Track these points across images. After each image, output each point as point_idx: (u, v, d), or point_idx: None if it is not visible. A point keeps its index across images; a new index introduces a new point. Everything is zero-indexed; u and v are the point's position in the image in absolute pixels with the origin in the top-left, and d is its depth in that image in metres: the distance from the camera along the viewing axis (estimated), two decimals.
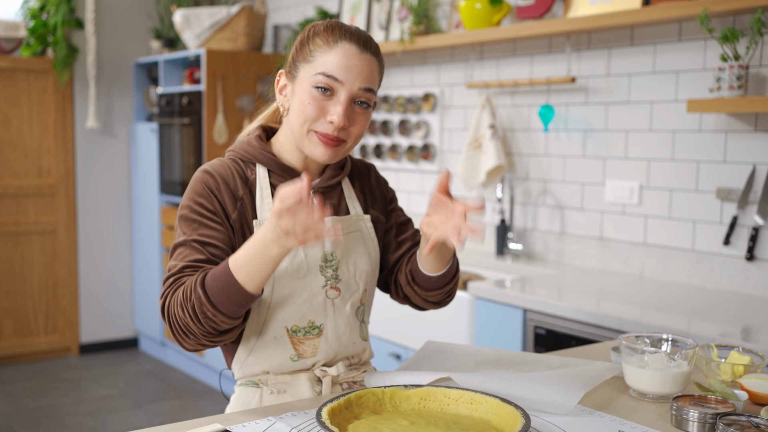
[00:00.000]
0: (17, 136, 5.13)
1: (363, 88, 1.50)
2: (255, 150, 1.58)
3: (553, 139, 3.42)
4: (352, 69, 1.48)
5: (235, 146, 1.62)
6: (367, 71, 1.50)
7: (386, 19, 4.13)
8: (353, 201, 1.66)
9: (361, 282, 1.60)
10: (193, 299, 1.36)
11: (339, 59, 1.48)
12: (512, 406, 1.29)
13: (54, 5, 5.13)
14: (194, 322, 1.38)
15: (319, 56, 1.50)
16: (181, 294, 1.39)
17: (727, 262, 2.81)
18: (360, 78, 1.49)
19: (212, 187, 1.51)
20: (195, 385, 4.84)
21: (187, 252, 1.46)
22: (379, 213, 1.70)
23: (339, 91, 1.48)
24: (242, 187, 1.54)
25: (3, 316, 5.15)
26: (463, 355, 1.73)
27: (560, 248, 3.42)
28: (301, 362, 1.56)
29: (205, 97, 4.69)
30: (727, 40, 2.59)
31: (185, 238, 1.48)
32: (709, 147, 2.86)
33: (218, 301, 1.35)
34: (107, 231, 5.56)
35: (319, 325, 1.55)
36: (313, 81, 1.49)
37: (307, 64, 1.51)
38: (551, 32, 3.20)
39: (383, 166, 4.29)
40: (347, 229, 1.60)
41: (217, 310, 1.36)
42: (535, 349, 2.73)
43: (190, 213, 1.50)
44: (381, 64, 1.56)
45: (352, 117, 1.51)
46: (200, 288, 1.36)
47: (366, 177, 1.73)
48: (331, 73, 1.48)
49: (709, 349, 1.55)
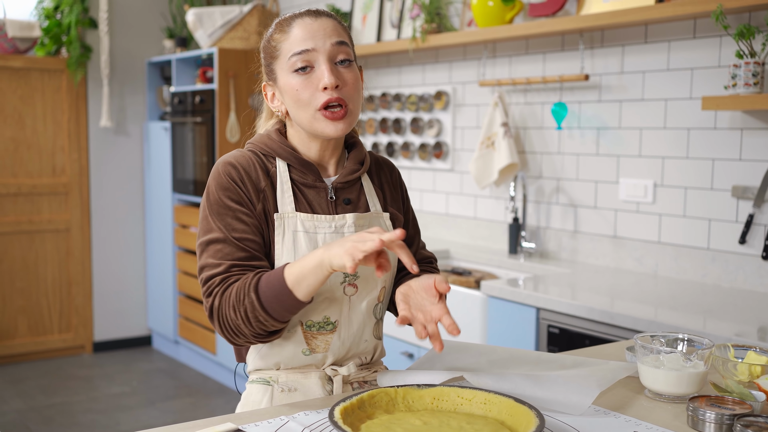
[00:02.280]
0: (31, 135, 5.16)
1: (334, 42, 1.52)
2: (275, 144, 1.59)
3: (566, 137, 3.41)
4: (316, 33, 1.51)
5: (254, 139, 1.62)
6: (331, 29, 1.53)
7: (398, 18, 4.12)
8: (373, 197, 1.65)
9: (379, 280, 1.60)
10: (245, 303, 1.40)
11: (300, 33, 1.51)
12: (526, 406, 1.28)
13: (68, 5, 5.15)
14: (245, 324, 1.42)
15: (282, 46, 1.53)
16: (234, 296, 1.42)
17: (743, 260, 2.79)
18: (326, 37, 1.51)
19: (236, 178, 1.52)
20: (207, 383, 4.85)
21: (228, 249, 1.48)
22: (397, 211, 1.69)
23: (315, 59, 1.51)
24: (264, 179, 1.55)
25: (17, 314, 5.18)
26: (476, 354, 1.72)
27: (573, 246, 3.40)
28: (313, 357, 1.56)
29: (218, 96, 4.69)
30: (742, 37, 2.57)
31: (220, 235, 1.48)
32: (724, 145, 2.83)
33: (271, 307, 1.40)
34: (120, 229, 5.58)
35: (333, 321, 1.55)
36: (289, 67, 1.52)
37: (277, 59, 1.54)
38: (564, 30, 3.18)
39: (396, 164, 4.28)
40: (367, 226, 1.59)
41: (269, 315, 1.40)
42: (548, 348, 2.72)
43: (220, 207, 1.50)
44: (341, 23, 1.57)
45: (340, 76, 1.51)
46: (254, 293, 1.40)
47: (387, 174, 1.73)
48: (299, 49, 1.50)
49: (726, 349, 1.53)
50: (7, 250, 5.12)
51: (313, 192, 1.58)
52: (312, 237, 1.53)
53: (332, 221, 1.55)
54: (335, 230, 1.54)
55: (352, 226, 1.56)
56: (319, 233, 1.53)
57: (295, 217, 1.53)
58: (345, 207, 1.59)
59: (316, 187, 1.58)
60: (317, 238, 1.53)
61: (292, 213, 1.53)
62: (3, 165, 5.07)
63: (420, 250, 1.77)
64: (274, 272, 1.41)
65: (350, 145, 1.67)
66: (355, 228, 1.56)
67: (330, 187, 1.59)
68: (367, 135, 4.48)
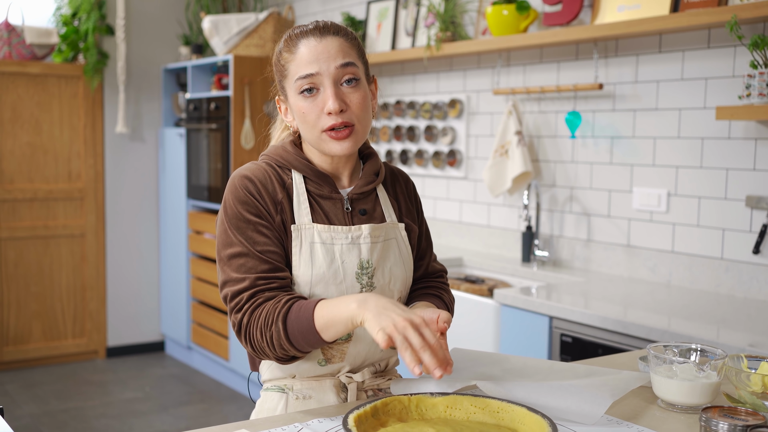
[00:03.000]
0: (48, 140, 5.20)
1: (339, 65, 1.52)
2: (290, 156, 1.60)
3: (580, 146, 3.41)
4: (320, 56, 1.51)
5: (269, 151, 1.64)
6: (336, 50, 1.53)
7: (413, 26, 4.14)
8: (388, 208, 1.67)
9: (395, 289, 1.61)
10: (272, 330, 1.44)
11: (304, 57, 1.52)
12: (539, 415, 1.29)
13: (85, 12, 5.20)
14: (270, 348, 1.46)
15: (290, 67, 1.55)
16: (263, 320, 1.45)
17: (757, 270, 2.78)
18: (330, 59, 1.52)
19: (253, 191, 1.53)
20: (220, 389, 4.87)
21: (251, 263, 1.49)
22: (412, 222, 1.71)
23: (321, 82, 1.52)
24: (281, 191, 1.56)
25: (32, 318, 5.21)
26: (489, 362, 1.72)
27: (587, 255, 3.40)
28: (329, 367, 1.57)
29: (233, 103, 4.72)
30: (757, 47, 2.57)
31: (242, 249, 1.50)
32: (738, 154, 2.83)
33: (296, 340, 1.44)
34: (135, 235, 5.61)
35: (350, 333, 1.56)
36: (296, 89, 1.53)
37: (286, 79, 1.56)
38: (578, 39, 3.19)
39: (409, 171, 4.29)
40: (383, 237, 1.61)
41: (292, 346, 1.45)
42: (561, 357, 2.72)
43: (239, 221, 1.52)
44: (349, 38, 1.57)
45: (346, 98, 1.52)
46: (281, 323, 1.43)
47: (402, 185, 1.74)
48: (304, 73, 1.51)
49: (739, 360, 1.54)
50: (23, 255, 5.16)
51: (330, 203, 1.59)
52: (329, 248, 1.54)
53: (348, 232, 1.56)
54: (351, 241, 1.56)
55: (368, 237, 1.57)
56: (336, 244, 1.55)
57: (312, 228, 1.54)
58: (361, 218, 1.60)
59: (332, 198, 1.59)
60: (334, 249, 1.54)
61: (309, 224, 1.54)
62: (20, 170, 5.11)
63: (432, 263, 1.78)
64: (305, 308, 1.43)
65: (365, 156, 1.69)
66: (371, 239, 1.57)
67: (346, 198, 1.60)
68: (381, 143, 4.50)
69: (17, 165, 5.10)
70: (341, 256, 1.54)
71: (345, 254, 1.55)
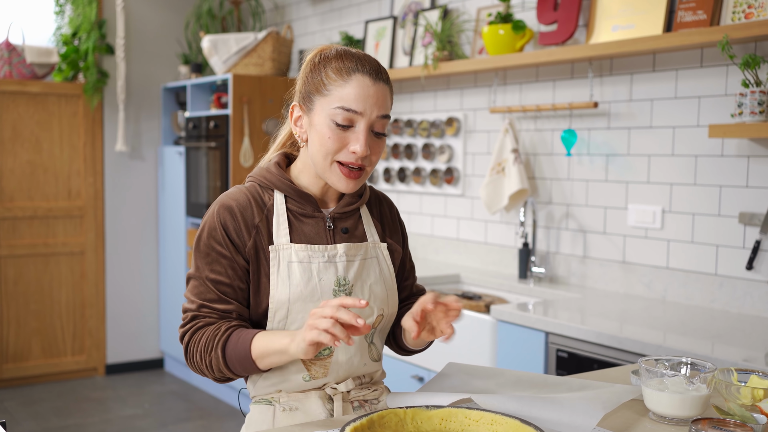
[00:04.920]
0: (48, 159, 5.24)
1: (380, 115, 1.55)
2: (273, 177, 1.63)
3: (575, 164, 3.44)
4: (369, 99, 1.52)
5: (254, 172, 1.67)
6: (382, 100, 1.55)
7: (410, 45, 4.19)
8: (371, 228, 1.70)
9: (375, 306, 1.64)
10: (212, 356, 1.52)
11: (356, 92, 1.52)
12: (532, 427, 1.31)
13: (85, 32, 5.25)
14: (209, 370, 1.55)
15: (334, 89, 1.53)
16: (203, 344, 1.53)
17: (751, 286, 2.81)
18: (377, 107, 1.54)
19: (227, 223, 1.57)
20: (219, 406, 4.87)
21: (201, 289, 1.57)
22: (396, 243, 1.74)
23: (358, 121, 1.53)
24: (258, 214, 1.59)
25: (31, 335, 5.23)
26: (485, 376, 1.75)
27: (583, 272, 3.42)
28: (313, 383, 1.61)
29: (232, 121, 4.76)
30: (748, 66, 2.61)
31: (198, 274, 1.58)
32: (731, 172, 2.87)
33: (233, 366, 1.53)
34: (134, 252, 5.63)
35: (329, 346, 1.59)
36: (331, 114, 1.53)
37: (322, 97, 1.54)
38: (574, 58, 3.23)
39: (407, 189, 4.33)
40: (363, 255, 1.64)
41: (231, 372, 1.54)
42: (557, 372, 2.74)
43: (206, 247, 1.58)
44: (392, 89, 1.61)
45: (372, 145, 1.55)
46: (220, 351, 1.51)
47: (386, 210, 1.78)
48: (350, 107, 1.52)
49: (729, 373, 1.56)
50: (23, 273, 5.18)
51: (312, 221, 1.62)
52: (306, 266, 1.58)
53: (325, 251, 1.60)
54: (328, 259, 1.59)
55: (343, 255, 1.61)
56: (313, 262, 1.58)
57: (289, 248, 1.58)
58: (343, 236, 1.64)
59: (315, 217, 1.63)
60: (311, 268, 1.58)
61: (287, 244, 1.58)
62: (20, 188, 5.14)
63: (415, 284, 1.84)
64: (243, 337, 1.50)
65: None
66: (346, 257, 1.61)
67: (328, 217, 1.64)
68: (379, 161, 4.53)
69: (17, 183, 5.13)
70: (318, 273, 1.58)
71: (322, 272, 1.58)
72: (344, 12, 4.84)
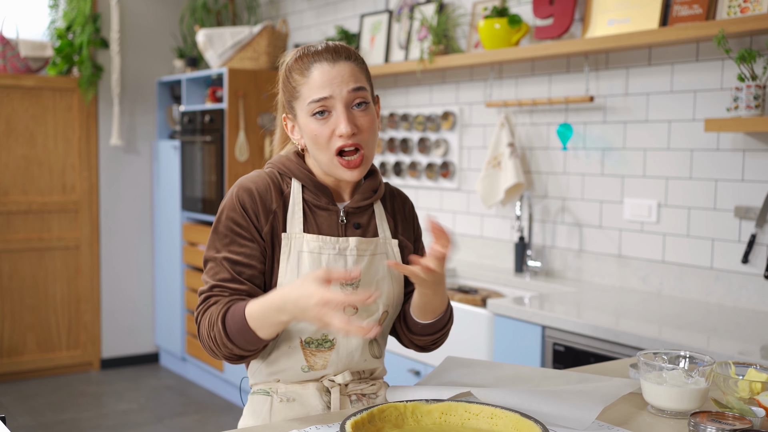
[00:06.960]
0: (42, 153, 5.22)
1: (351, 89, 1.56)
2: (293, 165, 1.65)
3: (571, 158, 3.45)
4: (333, 81, 1.55)
5: (274, 160, 1.69)
6: (348, 74, 1.57)
7: (406, 39, 4.18)
8: (383, 224, 1.71)
9: (381, 303, 1.64)
10: (215, 331, 1.50)
11: (318, 81, 1.55)
12: (532, 420, 1.32)
13: (80, 25, 5.23)
14: (216, 347, 1.52)
15: (302, 89, 1.57)
16: (207, 322, 1.52)
17: (746, 280, 2.82)
18: (344, 83, 1.55)
19: (246, 204, 1.58)
20: (215, 400, 4.88)
21: (216, 269, 1.56)
22: (407, 240, 1.74)
23: (332, 105, 1.55)
24: (277, 200, 1.60)
25: (26, 330, 5.22)
26: (483, 370, 1.75)
27: (579, 266, 3.43)
28: (312, 374, 1.61)
29: (227, 115, 4.75)
30: (744, 60, 2.62)
31: (216, 254, 1.57)
32: (726, 166, 2.88)
33: (235, 338, 1.49)
34: (130, 247, 5.63)
35: (331, 339, 1.60)
36: (308, 111, 1.57)
37: (297, 100, 1.59)
38: (569, 52, 3.23)
39: (403, 183, 4.33)
40: (374, 251, 1.65)
41: (234, 345, 1.51)
42: (554, 366, 2.75)
43: (223, 228, 1.58)
44: (359, 62, 1.61)
45: (356, 121, 1.56)
46: (221, 323, 1.50)
47: (400, 204, 1.78)
48: (318, 97, 1.55)
49: (727, 366, 1.57)
50: (17, 267, 5.17)
51: (326, 214, 1.63)
52: (316, 257, 1.58)
53: (336, 243, 1.60)
54: (339, 252, 1.60)
55: (354, 249, 1.62)
56: (323, 254, 1.59)
57: (301, 237, 1.59)
58: (355, 231, 1.65)
59: (329, 210, 1.63)
60: (321, 259, 1.59)
61: (300, 234, 1.59)
62: (14, 183, 5.13)
63: None
64: (238, 305, 1.49)
65: (367, 173, 1.72)
66: (357, 251, 1.61)
67: (342, 211, 1.64)
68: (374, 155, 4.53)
69: (12, 177, 5.12)
70: (327, 265, 1.59)
71: (331, 264, 1.59)
72: (339, 6, 4.83)
